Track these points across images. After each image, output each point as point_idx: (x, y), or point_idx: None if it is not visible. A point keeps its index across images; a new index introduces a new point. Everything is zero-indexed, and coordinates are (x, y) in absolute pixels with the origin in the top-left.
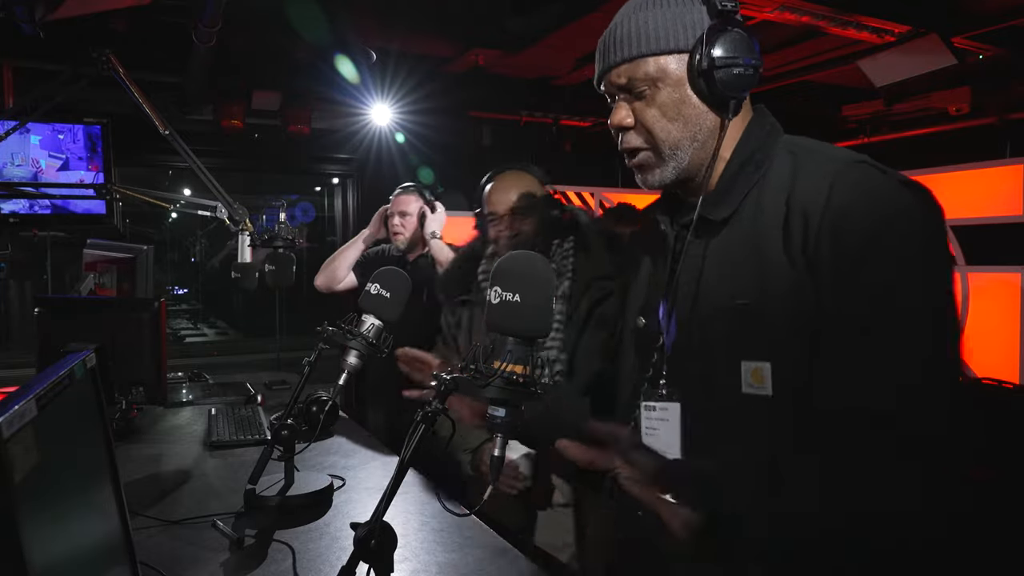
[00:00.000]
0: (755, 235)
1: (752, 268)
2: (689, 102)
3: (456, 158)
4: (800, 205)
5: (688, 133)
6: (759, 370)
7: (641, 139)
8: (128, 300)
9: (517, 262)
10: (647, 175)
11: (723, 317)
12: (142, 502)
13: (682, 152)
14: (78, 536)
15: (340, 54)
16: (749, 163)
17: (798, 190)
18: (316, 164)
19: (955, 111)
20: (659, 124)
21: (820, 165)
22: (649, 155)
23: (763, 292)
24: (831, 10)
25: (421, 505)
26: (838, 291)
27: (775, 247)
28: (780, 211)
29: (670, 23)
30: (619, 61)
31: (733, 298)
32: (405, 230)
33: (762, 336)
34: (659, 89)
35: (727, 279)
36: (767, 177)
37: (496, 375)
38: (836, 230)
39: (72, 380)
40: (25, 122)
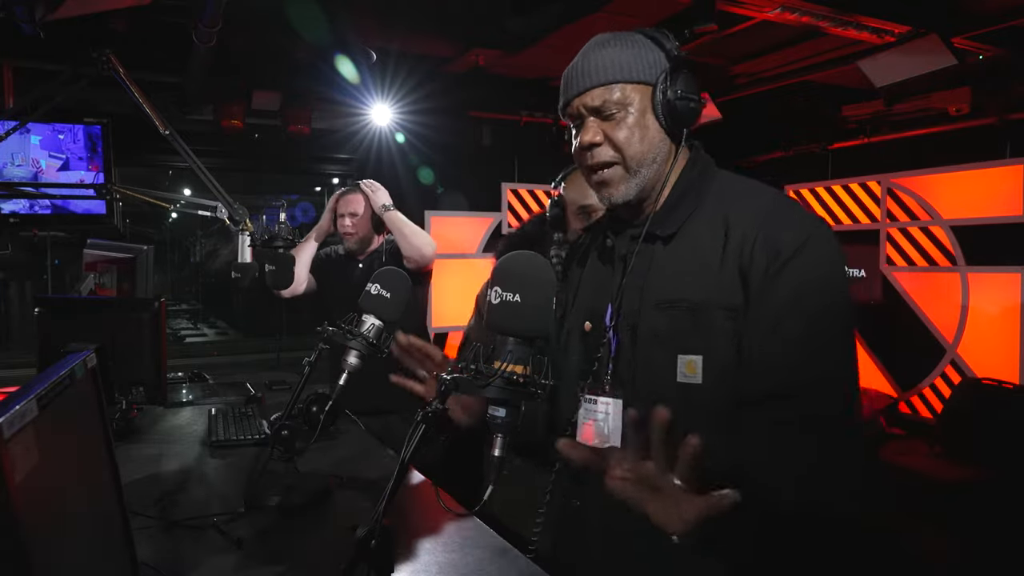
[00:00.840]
0: (696, 250)
1: (693, 277)
2: (651, 127)
3: (456, 158)
4: (738, 227)
5: (650, 154)
6: (692, 362)
7: (611, 154)
8: (128, 300)
9: (517, 262)
10: (613, 190)
11: (664, 315)
12: (142, 502)
13: (644, 169)
14: (78, 536)
15: (340, 54)
16: (691, 189)
17: (734, 214)
18: (316, 164)
19: (955, 111)
20: (629, 141)
21: (752, 196)
22: (618, 169)
23: (701, 297)
24: (831, 10)
25: (421, 505)
26: (761, 292)
27: (714, 261)
28: (719, 231)
29: (635, 59)
30: (593, 85)
31: (675, 301)
32: (357, 231)
33: (696, 333)
34: (628, 113)
35: (670, 286)
36: (704, 202)
37: (496, 375)
38: (767, 244)
39: (72, 380)
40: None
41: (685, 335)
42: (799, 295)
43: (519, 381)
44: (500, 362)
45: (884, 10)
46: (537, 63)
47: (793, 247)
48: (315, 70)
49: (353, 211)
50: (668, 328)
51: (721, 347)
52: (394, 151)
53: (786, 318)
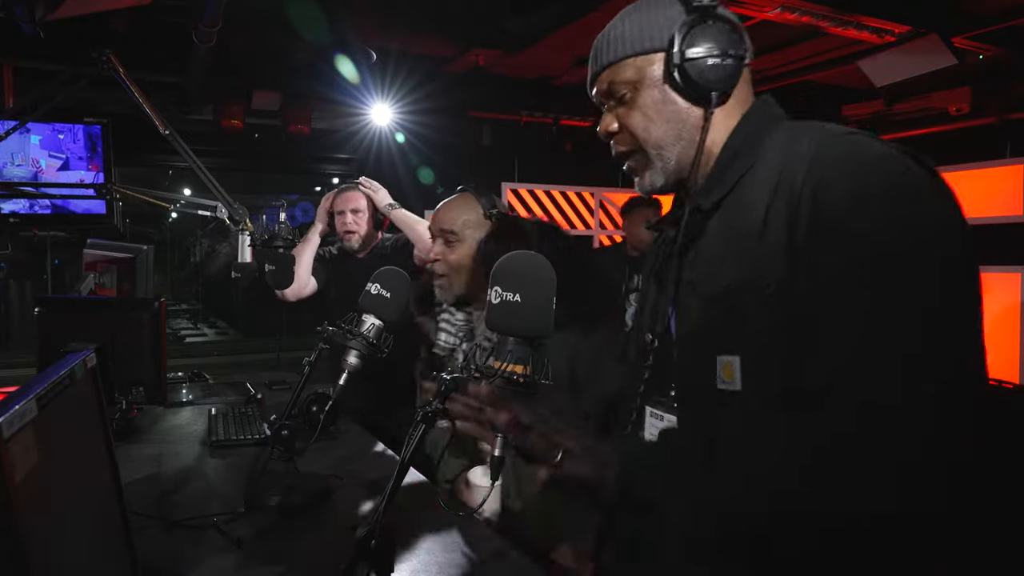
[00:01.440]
0: (739, 220)
1: (732, 254)
2: (670, 100)
3: (456, 158)
4: (787, 179)
5: (672, 131)
6: (729, 365)
7: (627, 144)
8: (128, 300)
9: (518, 262)
10: (640, 178)
11: (702, 310)
12: (142, 502)
13: (667, 151)
14: (78, 536)
15: (340, 54)
16: (742, 149)
17: (787, 165)
18: (316, 164)
19: (955, 111)
20: (640, 125)
21: (807, 138)
22: (637, 158)
23: (737, 277)
24: (831, 10)
25: (421, 505)
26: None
27: (754, 228)
28: (766, 191)
29: (645, 24)
30: (601, 67)
31: (712, 288)
32: (359, 228)
33: (733, 326)
34: (639, 91)
35: (709, 269)
36: (757, 161)
37: (496, 375)
38: (817, 193)
39: (72, 380)
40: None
41: (722, 330)
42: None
43: (519, 381)
44: (500, 362)
45: (884, 10)
46: (537, 63)
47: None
48: (315, 70)
49: (355, 207)
50: (705, 323)
51: (762, 341)
52: (394, 151)
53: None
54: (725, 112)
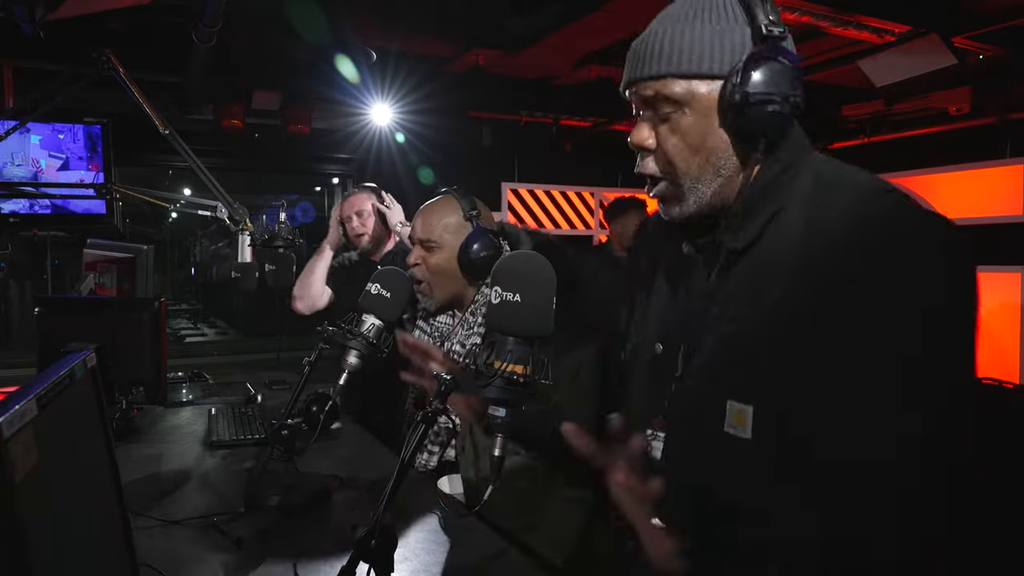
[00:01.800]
0: (766, 267)
1: (756, 302)
2: (716, 134)
3: (456, 158)
4: (814, 236)
5: (711, 166)
6: (741, 413)
7: (659, 167)
8: (128, 300)
9: (518, 262)
10: (668, 207)
11: (719, 350)
12: (142, 502)
13: (703, 186)
14: (78, 536)
15: (340, 54)
16: (769, 189)
17: (813, 218)
18: (316, 164)
19: (955, 111)
20: (680, 154)
21: (837, 192)
22: (668, 187)
23: (759, 328)
24: (831, 10)
25: (421, 505)
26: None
27: (774, 281)
28: (794, 241)
29: (707, 43)
30: (647, 76)
31: (731, 331)
32: (367, 229)
33: (750, 375)
34: (685, 115)
35: (731, 311)
36: (787, 204)
37: (497, 375)
38: (847, 268)
39: (72, 380)
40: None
41: (738, 376)
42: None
43: (519, 381)
44: (500, 362)
45: (884, 10)
46: (537, 63)
47: (884, 273)
48: (315, 70)
49: (360, 210)
50: (720, 364)
51: (780, 395)
52: (394, 151)
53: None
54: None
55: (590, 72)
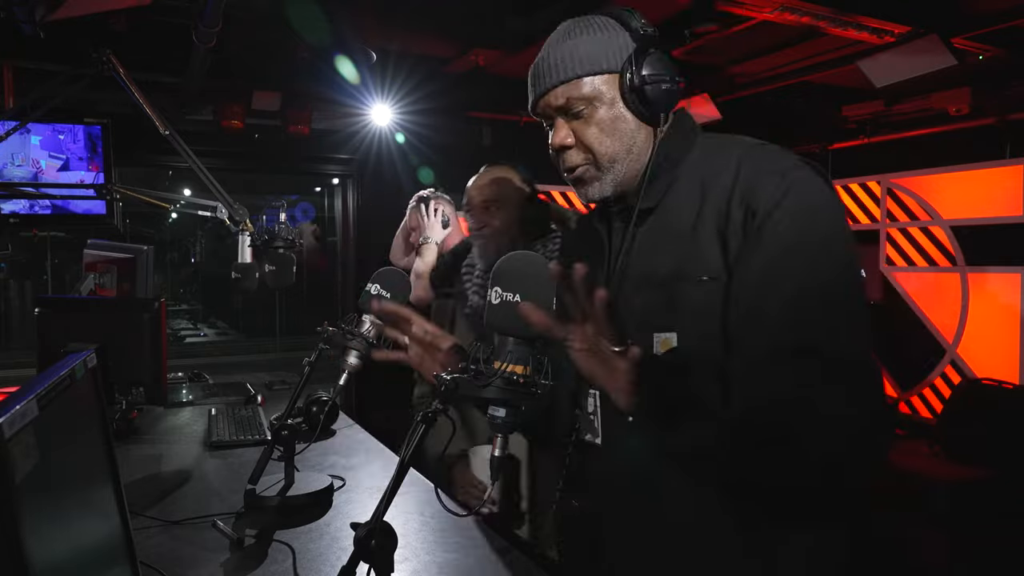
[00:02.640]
0: (671, 222)
1: (665, 250)
2: (623, 118)
3: (456, 158)
4: (712, 187)
5: (624, 147)
6: (667, 340)
7: (582, 156)
8: (128, 300)
9: (517, 262)
10: (587, 188)
11: (641, 294)
12: (142, 502)
13: (619, 165)
14: (78, 536)
15: (340, 54)
16: (667, 160)
17: (709, 173)
18: (316, 164)
19: (955, 111)
20: (598, 140)
21: (727, 148)
22: (589, 169)
23: (671, 269)
24: (831, 10)
25: (421, 505)
26: (747, 251)
27: (686, 229)
28: (695, 197)
29: (599, 47)
30: (557, 83)
31: (646, 278)
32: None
33: (669, 309)
34: (596, 108)
35: (642, 262)
36: (682, 170)
37: (496, 375)
38: (743, 197)
39: (72, 380)
40: (25, 122)
41: (657, 312)
42: (789, 247)
43: (519, 381)
44: (500, 362)
45: (884, 10)
46: None
47: (773, 196)
48: (315, 70)
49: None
50: (641, 307)
51: (699, 322)
52: (394, 151)
53: (781, 273)
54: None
55: None
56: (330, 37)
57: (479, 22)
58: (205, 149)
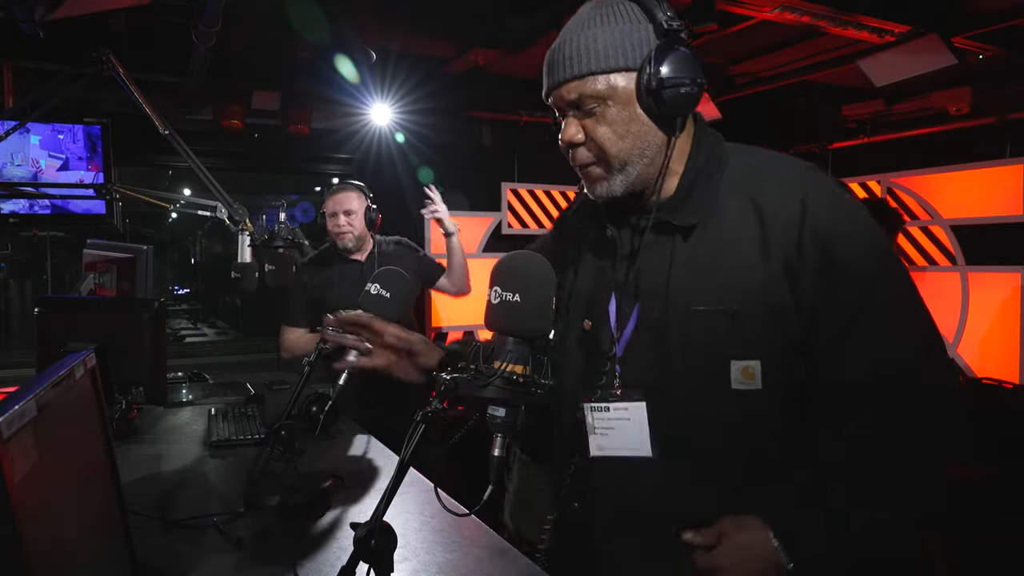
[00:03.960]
0: (729, 245)
1: (729, 274)
2: (638, 119)
3: (456, 158)
4: (774, 216)
5: (637, 149)
6: (749, 368)
7: (592, 154)
8: (128, 300)
9: (517, 262)
10: (595, 186)
11: (704, 319)
12: (142, 502)
13: (631, 167)
14: (78, 536)
15: (340, 54)
16: (703, 172)
17: (763, 197)
18: (316, 164)
19: (955, 111)
20: (609, 140)
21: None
22: (598, 168)
23: (747, 300)
24: (831, 10)
25: (421, 505)
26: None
27: (754, 259)
28: (751, 221)
29: (618, 41)
30: (568, 78)
31: (716, 303)
32: (354, 228)
33: (749, 337)
34: (609, 107)
35: (703, 284)
36: (721, 187)
37: (496, 375)
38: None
39: (72, 380)
40: (25, 122)
41: (734, 340)
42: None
43: (519, 381)
44: (500, 362)
45: (884, 10)
46: (537, 63)
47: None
48: (315, 70)
49: (348, 208)
50: (712, 334)
51: (777, 350)
52: (394, 151)
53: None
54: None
55: None
56: (330, 37)
57: (479, 22)
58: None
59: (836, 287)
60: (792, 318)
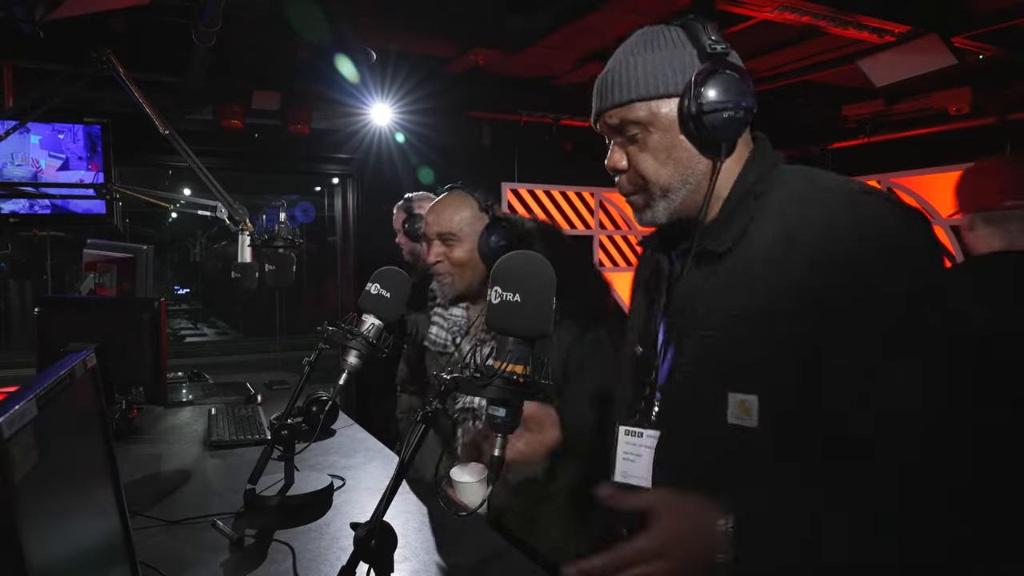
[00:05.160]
0: (753, 269)
1: (741, 300)
2: (680, 146)
3: (456, 158)
4: (803, 242)
5: (679, 176)
6: (746, 403)
7: (632, 184)
8: (128, 300)
9: (517, 261)
10: (640, 214)
11: (706, 346)
12: (142, 502)
13: (673, 194)
14: (78, 536)
15: (340, 54)
16: (748, 195)
17: (794, 220)
18: (316, 164)
19: (955, 111)
20: (651, 168)
21: (816, 193)
22: (641, 197)
23: (750, 325)
24: (831, 10)
25: (421, 505)
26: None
27: (773, 282)
28: (779, 245)
29: (659, 68)
30: (611, 105)
31: (720, 330)
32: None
33: (750, 370)
34: (650, 133)
35: (711, 311)
36: (765, 209)
37: (496, 375)
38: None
39: (72, 380)
40: (25, 122)
41: (738, 370)
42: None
43: (519, 381)
44: (500, 362)
45: (884, 10)
46: (537, 63)
47: (879, 267)
48: (315, 70)
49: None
50: (717, 360)
51: (779, 389)
52: (394, 151)
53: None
54: (732, 155)
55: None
56: (330, 37)
57: (479, 22)
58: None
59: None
60: (800, 354)
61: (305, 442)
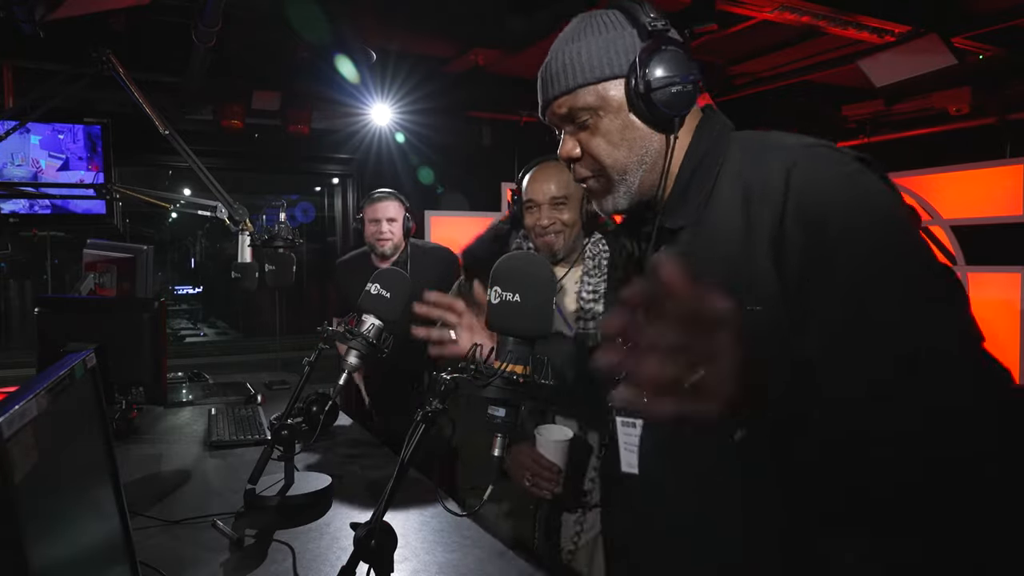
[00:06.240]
0: (715, 240)
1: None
2: (632, 126)
3: (456, 158)
4: (760, 200)
5: (635, 157)
6: None
7: (589, 168)
8: (128, 300)
9: (517, 261)
10: (601, 201)
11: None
12: (142, 502)
13: (631, 176)
14: (78, 536)
15: (340, 54)
16: (700, 168)
17: (754, 183)
18: (316, 164)
19: (955, 111)
20: (605, 151)
21: (770, 152)
22: (600, 181)
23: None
24: (831, 10)
25: (421, 505)
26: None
27: (734, 249)
28: (738, 210)
29: (602, 51)
30: (558, 94)
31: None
32: (394, 235)
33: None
34: (601, 117)
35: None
36: (719, 179)
37: (496, 375)
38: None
39: (72, 380)
40: (25, 122)
41: None
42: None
43: (519, 381)
44: (500, 362)
45: (884, 10)
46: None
47: (839, 211)
48: (315, 70)
49: (392, 217)
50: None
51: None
52: (394, 151)
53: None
54: (683, 130)
55: None
56: (330, 37)
57: (479, 22)
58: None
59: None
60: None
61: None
